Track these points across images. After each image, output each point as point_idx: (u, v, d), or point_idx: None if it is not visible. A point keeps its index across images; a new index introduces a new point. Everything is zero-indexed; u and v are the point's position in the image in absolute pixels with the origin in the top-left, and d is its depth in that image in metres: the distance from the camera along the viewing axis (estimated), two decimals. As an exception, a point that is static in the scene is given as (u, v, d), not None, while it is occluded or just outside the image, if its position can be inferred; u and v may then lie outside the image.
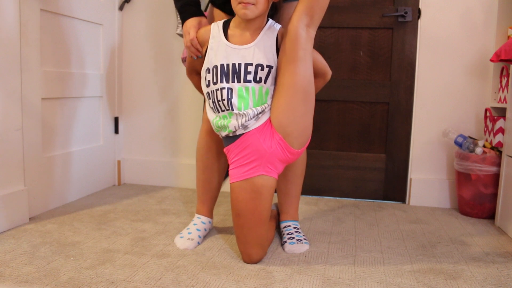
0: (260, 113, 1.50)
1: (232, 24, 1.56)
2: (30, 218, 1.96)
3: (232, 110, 1.49)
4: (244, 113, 1.48)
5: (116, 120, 2.65)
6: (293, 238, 1.74)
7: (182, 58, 1.90)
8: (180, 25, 2.39)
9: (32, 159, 1.97)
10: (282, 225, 1.86)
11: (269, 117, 1.51)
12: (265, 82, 1.49)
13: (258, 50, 1.50)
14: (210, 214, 1.87)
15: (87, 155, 2.39)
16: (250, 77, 1.48)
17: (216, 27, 1.57)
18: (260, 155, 1.50)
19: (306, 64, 1.45)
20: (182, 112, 2.65)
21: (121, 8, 2.61)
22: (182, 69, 2.60)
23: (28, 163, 1.94)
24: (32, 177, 1.97)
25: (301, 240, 1.74)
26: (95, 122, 2.47)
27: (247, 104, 1.49)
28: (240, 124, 1.49)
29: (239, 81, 1.49)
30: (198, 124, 2.61)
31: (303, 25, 1.43)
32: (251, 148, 1.50)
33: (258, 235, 1.54)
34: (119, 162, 2.69)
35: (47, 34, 2.04)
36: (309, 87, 1.47)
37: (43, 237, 1.75)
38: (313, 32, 1.45)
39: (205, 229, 1.81)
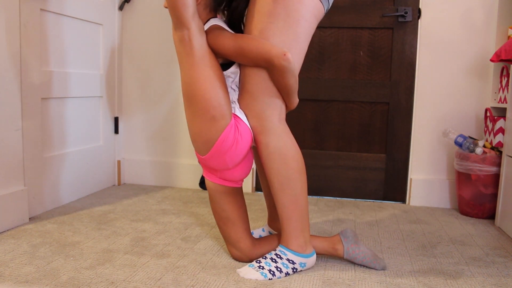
0: None
1: None
2: (30, 218, 1.96)
3: None
4: None
5: (116, 120, 2.65)
6: (260, 262, 1.47)
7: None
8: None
9: (32, 159, 1.96)
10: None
11: None
12: None
13: None
14: (269, 223, 1.78)
15: (87, 155, 2.39)
16: None
17: None
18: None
19: (183, 67, 1.38)
20: (182, 112, 2.65)
21: (121, 8, 2.61)
22: (182, 69, 2.60)
23: (28, 163, 1.94)
24: (32, 177, 1.97)
25: (262, 267, 1.44)
26: (95, 122, 2.47)
27: None
28: None
29: None
30: (198, 124, 2.61)
31: (173, 30, 1.36)
32: None
33: (225, 234, 1.56)
34: (119, 162, 2.69)
35: (47, 34, 2.04)
36: (190, 91, 1.39)
37: (43, 237, 1.75)
38: (180, 33, 1.34)
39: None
